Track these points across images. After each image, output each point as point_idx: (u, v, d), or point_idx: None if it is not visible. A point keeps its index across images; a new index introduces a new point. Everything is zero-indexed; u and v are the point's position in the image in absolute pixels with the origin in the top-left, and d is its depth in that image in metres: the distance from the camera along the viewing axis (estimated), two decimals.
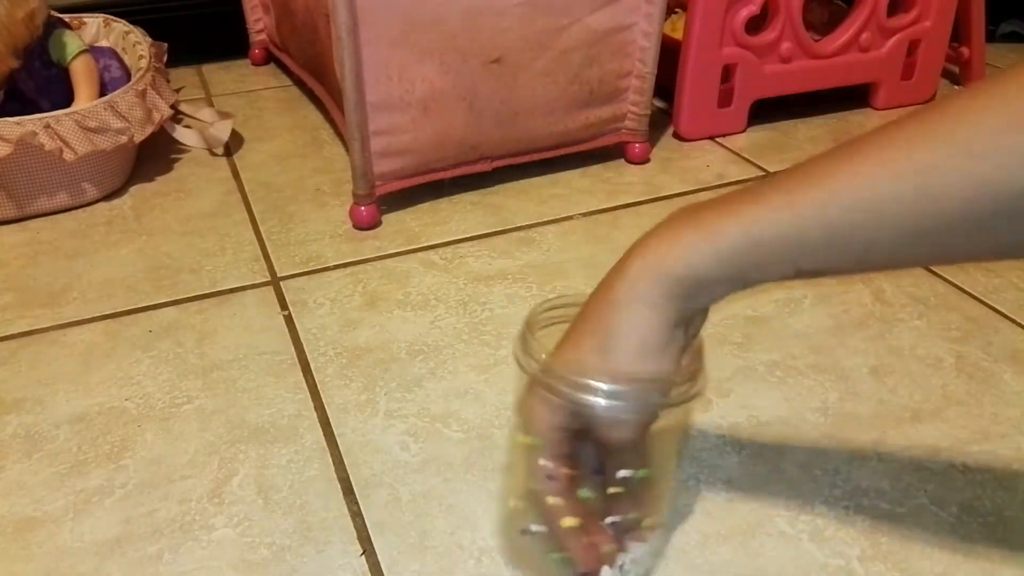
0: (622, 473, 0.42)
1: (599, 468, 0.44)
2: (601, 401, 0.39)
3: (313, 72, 1.08)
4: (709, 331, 0.44)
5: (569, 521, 0.43)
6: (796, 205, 0.36)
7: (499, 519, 0.52)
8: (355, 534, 0.51)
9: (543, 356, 0.42)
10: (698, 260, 0.38)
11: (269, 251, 0.82)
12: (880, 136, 0.35)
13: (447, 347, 0.68)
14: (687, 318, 0.40)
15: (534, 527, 0.45)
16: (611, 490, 0.43)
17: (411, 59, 0.81)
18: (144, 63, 0.96)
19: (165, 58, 1.03)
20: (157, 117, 0.92)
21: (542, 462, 0.42)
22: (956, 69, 1.23)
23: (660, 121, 1.06)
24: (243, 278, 0.78)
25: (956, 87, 1.22)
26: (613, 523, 0.44)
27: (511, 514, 0.49)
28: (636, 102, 0.95)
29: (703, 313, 0.42)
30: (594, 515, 0.44)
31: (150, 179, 0.96)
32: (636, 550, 0.45)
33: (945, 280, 0.76)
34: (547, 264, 0.79)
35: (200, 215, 0.89)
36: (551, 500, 0.43)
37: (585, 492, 0.43)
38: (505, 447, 0.57)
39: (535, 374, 0.42)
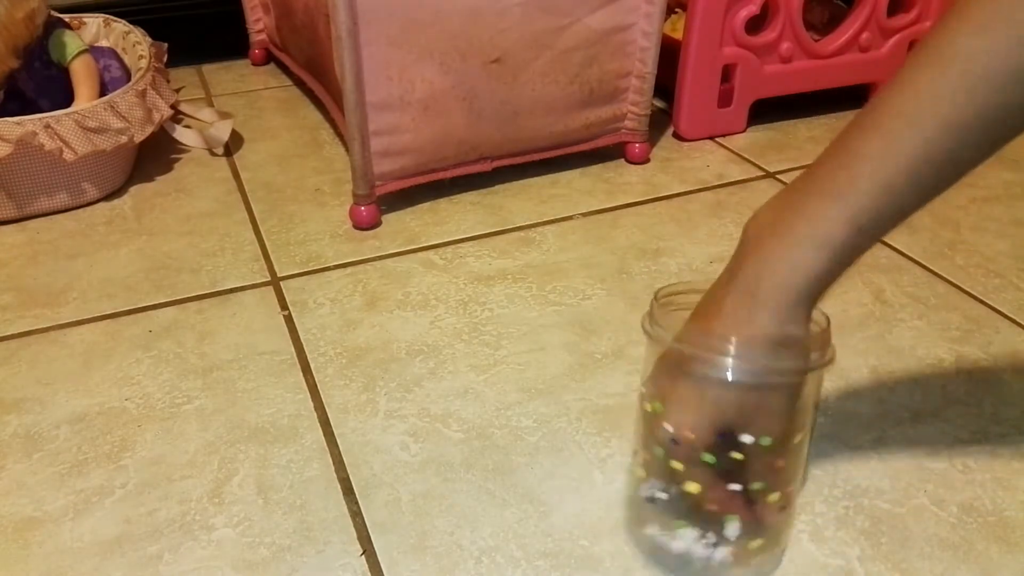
0: (744, 438, 0.42)
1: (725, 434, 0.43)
2: (729, 365, 0.40)
3: (313, 72, 1.09)
4: None
5: (692, 487, 0.43)
6: (882, 169, 0.39)
7: (627, 491, 0.52)
8: (355, 534, 0.51)
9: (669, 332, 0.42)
10: (820, 268, 0.40)
11: (269, 251, 0.82)
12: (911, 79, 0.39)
13: (447, 347, 0.68)
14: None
15: (658, 493, 0.45)
16: (732, 454, 0.42)
17: (411, 59, 0.81)
18: (144, 63, 0.96)
19: (165, 58, 1.03)
20: (157, 117, 0.92)
21: (665, 425, 0.42)
22: None
23: (660, 121, 1.06)
24: (243, 278, 0.78)
25: None
26: (736, 492, 0.44)
27: (637, 484, 0.48)
28: (636, 102, 0.95)
29: None
30: (718, 482, 0.43)
31: (150, 179, 0.96)
32: (756, 524, 0.45)
33: (945, 280, 0.76)
34: (547, 264, 0.79)
35: (200, 215, 0.89)
36: (675, 464, 0.43)
37: (707, 456, 0.42)
38: (634, 418, 0.55)
39: (667, 341, 0.42)
